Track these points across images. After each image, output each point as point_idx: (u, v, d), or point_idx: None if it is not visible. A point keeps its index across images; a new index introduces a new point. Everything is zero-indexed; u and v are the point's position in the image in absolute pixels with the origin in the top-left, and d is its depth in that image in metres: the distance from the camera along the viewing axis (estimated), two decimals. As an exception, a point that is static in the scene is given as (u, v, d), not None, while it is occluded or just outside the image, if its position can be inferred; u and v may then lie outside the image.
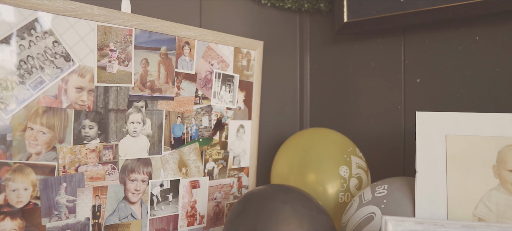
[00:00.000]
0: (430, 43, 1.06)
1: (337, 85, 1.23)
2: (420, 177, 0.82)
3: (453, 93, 1.03)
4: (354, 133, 1.19)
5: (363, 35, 1.18)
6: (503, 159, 0.80)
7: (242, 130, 1.10)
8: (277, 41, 1.24)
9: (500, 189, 0.78)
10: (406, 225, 0.64)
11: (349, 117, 1.21)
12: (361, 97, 1.18)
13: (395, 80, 1.12)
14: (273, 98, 1.23)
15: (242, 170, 1.11)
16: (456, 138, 0.84)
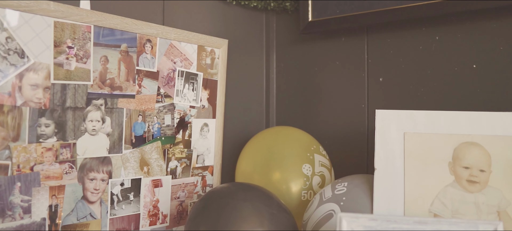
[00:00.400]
0: (392, 42, 1.08)
1: (303, 83, 1.24)
2: (379, 174, 0.83)
3: (414, 91, 1.04)
4: (319, 132, 1.19)
5: (328, 34, 1.19)
6: (458, 156, 0.82)
7: (206, 129, 1.10)
8: (243, 40, 1.24)
9: (455, 186, 0.80)
10: (360, 222, 0.64)
11: (314, 115, 1.21)
12: (326, 96, 1.19)
13: (359, 79, 1.13)
14: (238, 96, 1.23)
15: (206, 169, 1.11)
16: (414, 136, 0.85)
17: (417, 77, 1.04)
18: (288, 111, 1.27)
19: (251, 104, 1.27)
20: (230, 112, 1.20)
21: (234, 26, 1.21)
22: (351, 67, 1.14)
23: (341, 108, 1.16)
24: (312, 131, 1.20)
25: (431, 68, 1.02)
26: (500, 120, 0.83)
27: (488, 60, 0.95)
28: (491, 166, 0.80)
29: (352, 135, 1.14)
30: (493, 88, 0.95)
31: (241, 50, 1.24)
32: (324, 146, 1.18)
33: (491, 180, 0.79)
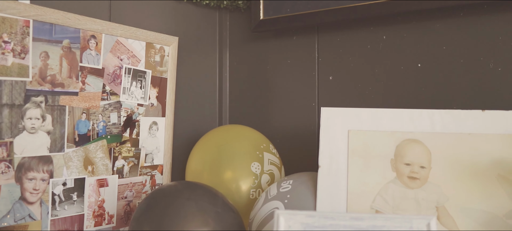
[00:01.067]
0: (341, 41, 1.08)
1: (256, 82, 1.24)
2: (322, 172, 0.83)
3: (362, 90, 1.05)
4: (271, 130, 1.19)
5: (279, 33, 1.19)
6: (400, 153, 0.83)
7: (155, 127, 1.08)
8: (195, 38, 1.23)
9: (397, 182, 0.81)
10: (297, 219, 0.64)
11: (266, 114, 1.21)
12: (278, 94, 1.19)
13: (309, 77, 1.13)
14: (190, 95, 1.21)
15: (156, 168, 1.09)
16: (358, 133, 0.86)
17: (365, 76, 1.05)
18: (241, 110, 1.27)
19: (204, 102, 1.25)
20: (181, 111, 1.18)
21: (186, 24, 1.20)
22: (302, 65, 1.15)
23: (292, 107, 1.17)
24: (264, 129, 1.20)
25: (378, 67, 1.03)
26: (440, 117, 0.84)
27: (432, 59, 0.97)
28: (431, 162, 0.81)
29: (303, 133, 1.14)
30: (436, 87, 0.97)
31: (193, 48, 1.22)
32: (275, 144, 1.18)
33: (431, 176, 0.80)
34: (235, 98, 1.28)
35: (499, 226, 0.76)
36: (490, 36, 0.91)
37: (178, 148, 1.17)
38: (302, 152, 1.14)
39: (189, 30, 1.21)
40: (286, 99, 1.18)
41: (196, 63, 1.23)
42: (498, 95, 0.91)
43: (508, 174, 0.79)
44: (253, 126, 1.21)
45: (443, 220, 0.77)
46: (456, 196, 0.78)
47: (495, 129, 0.82)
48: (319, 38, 1.12)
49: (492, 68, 0.91)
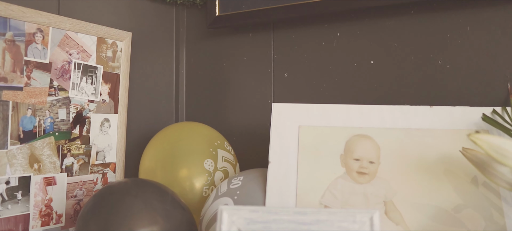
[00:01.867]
0: (296, 38, 1.08)
1: (213, 79, 1.22)
2: (272, 168, 0.83)
3: (317, 86, 1.05)
4: (227, 127, 1.18)
5: (236, 30, 1.18)
6: (350, 148, 0.83)
7: (107, 124, 1.05)
8: (151, 34, 1.21)
9: (346, 177, 0.81)
10: (241, 214, 0.63)
11: (223, 111, 1.20)
12: (235, 91, 1.18)
13: (265, 74, 1.13)
14: (145, 91, 1.19)
15: (108, 166, 1.06)
16: (309, 129, 0.85)
17: (320, 73, 1.05)
18: (198, 107, 1.25)
19: (159, 99, 1.23)
20: (135, 108, 1.16)
21: (140, 19, 1.17)
22: (258, 62, 1.14)
23: (248, 104, 1.16)
24: (221, 126, 1.19)
25: (332, 63, 1.04)
26: (389, 113, 0.85)
27: (384, 56, 0.98)
28: (380, 157, 0.82)
29: (259, 130, 1.14)
30: (388, 83, 0.98)
31: (149, 44, 1.20)
32: (232, 141, 1.17)
33: (380, 171, 0.81)
34: (192, 95, 1.26)
35: (446, 219, 0.77)
36: (439, 34, 0.93)
37: (131, 145, 1.14)
38: (258, 149, 1.13)
39: (144, 25, 1.18)
40: (243, 96, 1.17)
41: (152, 59, 1.21)
42: (446, 91, 0.92)
43: (455, 168, 0.81)
44: (210, 123, 1.20)
45: (390, 215, 0.77)
46: (404, 191, 0.79)
47: (442, 124, 0.84)
48: (274, 35, 1.12)
49: (441, 65, 0.93)
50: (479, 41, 0.90)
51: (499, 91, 0.88)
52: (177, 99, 1.27)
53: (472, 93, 0.90)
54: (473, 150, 0.73)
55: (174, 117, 1.27)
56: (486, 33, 0.89)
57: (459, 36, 0.91)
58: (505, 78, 0.88)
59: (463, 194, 0.79)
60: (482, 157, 0.72)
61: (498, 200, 0.78)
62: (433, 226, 0.76)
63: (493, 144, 0.62)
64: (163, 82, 1.24)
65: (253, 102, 1.15)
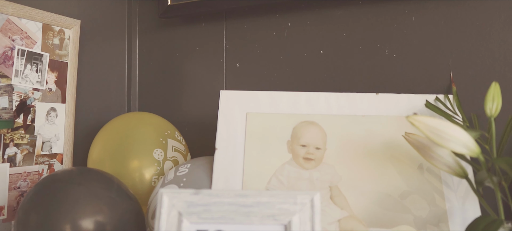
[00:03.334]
0: (248, 28, 1.08)
1: (166, 69, 1.21)
2: (219, 154, 0.82)
3: (268, 76, 1.05)
4: (180, 117, 1.17)
5: (188, 20, 1.17)
6: (297, 134, 0.83)
7: (54, 114, 1.03)
8: (102, 22, 1.18)
9: (292, 163, 0.81)
10: (181, 197, 0.63)
11: (176, 101, 1.19)
12: (187, 82, 1.17)
13: (217, 64, 1.12)
14: (95, 81, 1.17)
15: (55, 157, 1.03)
16: (257, 116, 0.85)
17: (271, 62, 1.05)
18: (151, 97, 1.23)
19: (110, 89, 1.21)
20: (85, 98, 1.13)
21: (91, 8, 1.15)
22: (210, 52, 1.13)
23: (201, 94, 1.15)
24: (173, 117, 1.17)
25: (283, 53, 1.04)
26: (336, 100, 0.86)
27: (334, 45, 0.99)
28: (326, 143, 0.82)
29: (211, 120, 1.13)
30: (337, 72, 0.99)
31: (100, 33, 1.18)
32: (184, 131, 1.16)
33: (326, 157, 0.81)
34: (145, 86, 1.24)
35: (391, 204, 0.78)
36: (386, 24, 0.94)
37: (80, 136, 1.12)
38: (210, 138, 1.12)
39: (94, 14, 1.16)
40: (195, 86, 1.16)
41: (102, 49, 1.19)
42: (393, 80, 0.94)
43: (399, 154, 0.82)
44: (163, 113, 1.18)
45: (336, 199, 0.78)
46: (349, 176, 0.80)
47: (387, 111, 0.85)
48: (227, 25, 1.11)
49: (388, 55, 0.95)
50: (424, 31, 0.92)
51: (442, 79, 0.90)
52: (129, 90, 1.25)
53: (417, 81, 0.92)
54: (415, 135, 0.75)
55: (126, 107, 1.25)
56: (430, 23, 0.91)
57: (404, 26, 0.93)
58: (448, 67, 0.90)
59: (407, 179, 0.80)
60: (423, 141, 0.74)
61: (439, 184, 0.80)
62: (377, 211, 0.77)
63: (430, 125, 0.63)
64: (114, 72, 1.22)
65: (206, 93, 1.14)
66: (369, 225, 0.76)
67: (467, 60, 0.89)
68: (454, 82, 0.89)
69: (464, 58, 0.89)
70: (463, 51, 0.89)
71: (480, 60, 0.88)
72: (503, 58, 0.87)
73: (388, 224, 0.76)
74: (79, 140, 1.11)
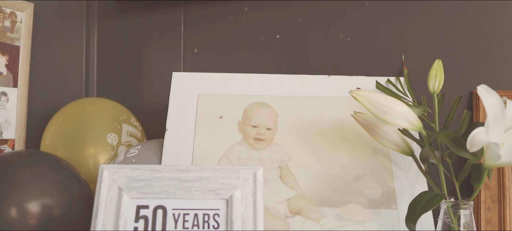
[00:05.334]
0: (206, 14, 1.08)
1: (124, 55, 1.19)
2: (169, 135, 0.81)
3: (225, 61, 1.05)
4: (138, 103, 1.15)
5: (147, 5, 1.15)
6: (248, 115, 0.83)
7: (5, 98, 1.00)
8: (59, 7, 1.16)
9: (243, 144, 0.81)
10: (122, 172, 0.62)
11: (134, 87, 1.17)
12: (145, 68, 1.16)
13: (175, 50, 1.11)
14: (51, 66, 1.14)
15: (5, 143, 1.01)
16: (208, 97, 0.85)
17: (229, 48, 1.05)
18: (110, 83, 1.21)
19: (68, 75, 1.19)
20: (39, 83, 1.11)
21: (46, -8, 1.12)
22: (169, 38, 1.12)
23: (159, 80, 1.14)
24: (132, 103, 1.15)
25: (240, 38, 1.04)
26: (288, 81, 0.86)
27: (290, 30, 0.99)
28: (277, 124, 0.82)
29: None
30: (293, 57, 0.99)
31: (56, 17, 1.15)
32: (142, 117, 1.14)
33: (277, 137, 0.81)
34: (104, 71, 1.22)
35: (340, 184, 0.78)
36: (340, 9, 0.95)
37: (34, 122, 1.09)
38: (167, 126, 1.11)
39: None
40: (154, 72, 1.14)
41: (59, 33, 1.16)
42: (347, 63, 0.95)
43: (350, 135, 0.83)
44: (121, 99, 1.16)
45: (285, 179, 0.78)
46: (299, 156, 0.80)
47: (340, 93, 0.85)
48: (185, 11, 1.10)
49: (342, 39, 0.95)
50: (377, 16, 0.92)
51: (395, 62, 0.91)
52: (88, 76, 1.23)
53: (370, 64, 0.93)
54: (363, 114, 0.75)
55: (84, 93, 1.22)
56: (383, 8, 0.92)
57: (358, 11, 0.94)
58: (400, 50, 0.91)
59: (358, 160, 0.81)
60: (370, 119, 0.74)
61: (389, 164, 0.81)
62: (327, 190, 0.77)
63: (372, 99, 0.64)
64: (71, 58, 1.19)
65: (164, 78, 1.13)
66: (318, 204, 0.76)
67: (418, 44, 0.90)
68: (406, 65, 0.90)
69: (415, 41, 0.90)
70: (414, 34, 0.90)
71: (431, 43, 0.90)
72: (452, 41, 0.88)
73: (337, 204, 0.76)
74: (32, 126, 1.09)
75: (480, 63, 0.88)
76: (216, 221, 0.60)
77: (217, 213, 0.61)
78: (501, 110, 0.61)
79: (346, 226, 0.74)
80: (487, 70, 0.87)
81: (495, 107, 0.61)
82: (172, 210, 0.60)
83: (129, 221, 0.60)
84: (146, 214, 0.60)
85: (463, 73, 0.88)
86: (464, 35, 0.88)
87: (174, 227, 0.60)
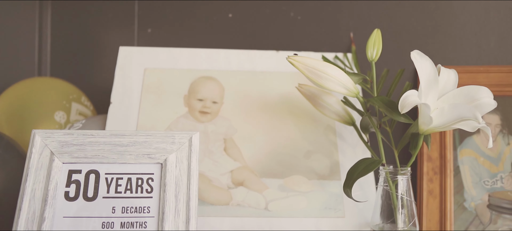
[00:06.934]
0: (160, -7, 1.07)
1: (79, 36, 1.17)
2: (113, 108, 0.81)
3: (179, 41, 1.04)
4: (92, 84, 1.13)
5: (101, -14, 1.14)
6: (194, 89, 0.83)
7: (-50, 77, 0.98)
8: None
9: (188, 117, 0.80)
10: (54, 136, 0.61)
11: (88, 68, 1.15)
12: (100, 48, 1.14)
13: (129, 30, 1.10)
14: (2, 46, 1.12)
15: (-49, 122, 0.98)
16: (155, 71, 0.84)
17: (182, 28, 1.04)
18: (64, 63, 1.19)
19: (19, 56, 1.16)
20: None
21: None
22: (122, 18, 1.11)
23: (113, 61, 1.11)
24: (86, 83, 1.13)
25: (194, 18, 1.03)
26: (236, 56, 0.86)
27: (242, 9, 0.99)
28: (223, 98, 0.82)
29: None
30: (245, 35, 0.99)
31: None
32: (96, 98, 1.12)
33: (222, 110, 0.81)
34: (58, 52, 1.20)
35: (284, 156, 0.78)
36: (292, -14, 0.96)
37: (-18, 103, 1.07)
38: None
39: (0, -22, 1.11)
40: (108, 53, 1.13)
41: (12, 13, 1.14)
42: (298, 41, 0.95)
43: (296, 109, 0.83)
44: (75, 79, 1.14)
45: (229, 151, 0.78)
46: (244, 129, 0.80)
47: (287, 68, 0.85)
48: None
49: (293, 17, 0.95)
50: (326, -7, 0.93)
51: (344, 39, 0.92)
52: (40, 56, 1.21)
53: (321, 42, 0.94)
54: (306, 85, 0.76)
55: (37, 74, 1.20)
56: (333, -15, 0.93)
57: (308, -11, 0.95)
58: (348, 28, 0.92)
59: (303, 132, 0.81)
60: (313, 90, 0.75)
61: (334, 137, 0.81)
62: (271, 163, 0.78)
63: (308, 64, 0.64)
64: (23, 38, 1.17)
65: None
66: (262, 175, 0.76)
67: (367, 22, 0.91)
68: (354, 42, 0.91)
69: (363, 19, 0.91)
70: (363, 12, 0.91)
71: (379, 21, 0.91)
72: (400, 19, 0.89)
73: (281, 175, 0.76)
74: (-20, 107, 1.06)
75: (426, 40, 0.89)
76: (150, 185, 0.59)
77: (151, 177, 0.60)
78: (434, 75, 0.62)
79: (289, 197, 0.74)
80: (433, 46, 0.89)
81: (427, 72, 0.62)
82: (105, 175, 0.60)
83: (60, 186, 0.59)
84: (78, 179, 0.59)
85: (410, 49, 0.88)
86: (411, 13, 0.90)
87: (107, 192, 0.59)
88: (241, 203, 0.73)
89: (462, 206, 0.78)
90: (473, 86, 0.63)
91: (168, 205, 0.57)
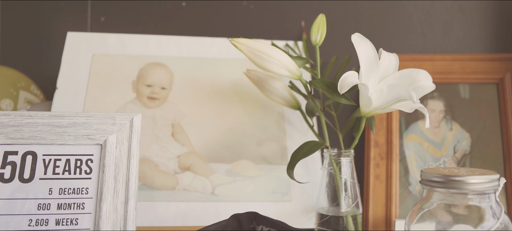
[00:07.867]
0: (113, -19, 1.06)
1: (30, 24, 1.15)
2: (59, 94, 0.79)
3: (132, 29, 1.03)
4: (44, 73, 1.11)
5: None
6: (143, 75, 0.82)
7: None
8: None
9: (136, 102, 0.80)
10: None
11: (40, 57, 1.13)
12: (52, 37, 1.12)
13: (82, 19, 1.08)
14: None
15: None
16: (103, 57, 0.83)
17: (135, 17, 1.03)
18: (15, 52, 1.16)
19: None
20: None
21: None
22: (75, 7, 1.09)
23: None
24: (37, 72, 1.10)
25: (147, 6, 1.02)
26: (186, 43, 0.86)
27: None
28: (172, 84, 0.82)
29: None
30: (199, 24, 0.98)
31: (-46, -14, 1.10)
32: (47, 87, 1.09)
33: (171, 96, 0.81)
34: (8, 40, 1.17)
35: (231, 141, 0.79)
36: (244, -25, 0.96)
37: None
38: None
39: None
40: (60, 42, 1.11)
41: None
42: (251, 29, 0.95)
43: (246, 95, 0.83)
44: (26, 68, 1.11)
45: (177, 136, 0.77)
46: (193, 114, 0.80)
47: (237, 55, 0.86)
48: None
49: (245, 6, 0.96)
50: (278, -18, 0.94)
51: (296, 28, 0.93)
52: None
53: (273, 30, 0.94)
54: (255, 71, 0.76)
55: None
56: (285, -26, 0.94)
57: (261, -22, 0.95)
58: (300, 17, 0.93)
59: (251, 118, 0.81)
60: (261, 75, 0.75)
61: (283, 122, 0.82)
62: (218, 148, 0.78)
63: (251, 47, 0.64)
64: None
65: (70, 49, 1.10)
66: (209, 160, 0.76)
67: (317, 11, 0.92)
68: (305, 31, 0.92)
69: (314, 8, 0.92)
70: (314, 1, 0.92)
71: (329, 10, 0.92)
72: (349, 8, 0.91)
73: (228, 160, 0.77)
74: None
75: (374, 29, 0.91)
76: (89, 166, 0.59)
77: (90, 159, 0.59)
78: (374, 58, 0.63)
79: (235, 181, 0.75)
80: (380, 35, 0.90)
81: (368, 55, 0.63)
82: (43, 156, 0.59)
83: (-5, 167, 0.57)
84: (14, 160, 0.58)
85: (359, 38, 0.91)
86: (360, 3, 0.91)
87: (44, 173, 0.58)
88: (187, 188, 0.73)
89: (407, 189, 0.80)
90: (413, 69, 0.65)
91: (106, 186, 0.57)
